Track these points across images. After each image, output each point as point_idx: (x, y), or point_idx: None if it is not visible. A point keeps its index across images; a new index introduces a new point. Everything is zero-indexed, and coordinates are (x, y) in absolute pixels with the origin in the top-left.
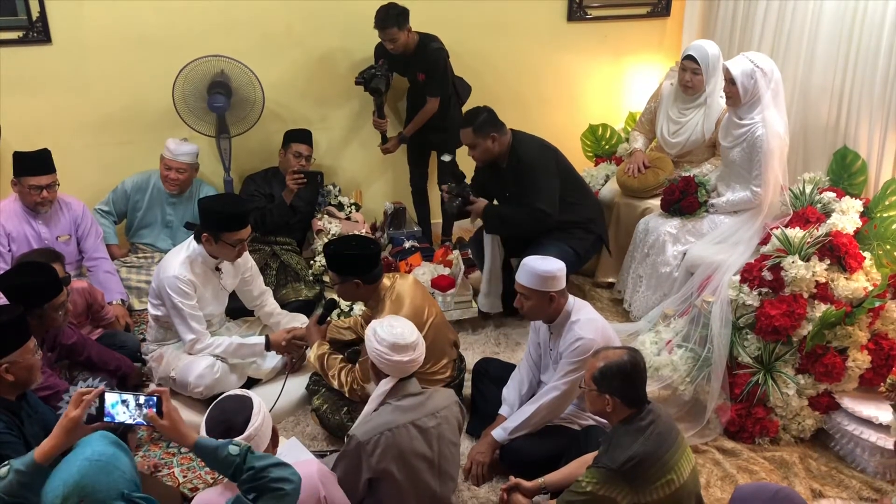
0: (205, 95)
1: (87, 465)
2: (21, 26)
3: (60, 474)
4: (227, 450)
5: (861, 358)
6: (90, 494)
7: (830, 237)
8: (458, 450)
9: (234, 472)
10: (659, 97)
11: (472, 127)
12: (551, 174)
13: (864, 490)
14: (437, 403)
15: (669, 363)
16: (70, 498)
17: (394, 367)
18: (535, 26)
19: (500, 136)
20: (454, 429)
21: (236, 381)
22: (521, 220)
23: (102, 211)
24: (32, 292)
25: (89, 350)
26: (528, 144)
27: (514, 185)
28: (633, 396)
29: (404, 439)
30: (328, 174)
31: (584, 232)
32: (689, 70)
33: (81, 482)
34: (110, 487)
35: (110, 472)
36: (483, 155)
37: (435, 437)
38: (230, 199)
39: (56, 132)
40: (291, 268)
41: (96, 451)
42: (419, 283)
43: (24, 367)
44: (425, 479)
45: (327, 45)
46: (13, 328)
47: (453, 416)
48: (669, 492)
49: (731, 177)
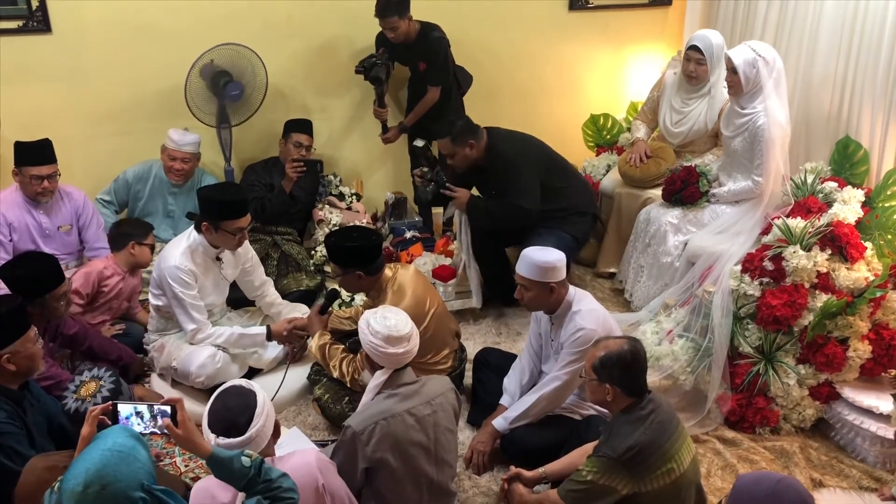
0: (217, 85)
1: (109, 455)
2: (21, 15)
3: (82, 463)
4: (241, 461)
5: (862, 348)
6: (111, 483)
7: (832, 227)
8: (454, 437)
9: (248, 484)
10: (662, 86)
11: (449, 137)
12: (530, 168)
13: (864, 479)
14: (433, 391)
15: (670, 353)
16: (92, 485)
17: (388, 359)
18: (536, 15)
19: (477, 143)
20: (450, 416)
21: (237, 371)
22: (504, 216)
23: (104, 201)
24: (34, 282)
25: (91, 340)
26: (504, 141)
27: (496, 183)
28: (633, 386)
29: (400, 428)
30: (329, 164)
31: (579, 216)
32: (693, 60)
33: (103, 471)
34: (131, 477)
35: (131, 463)
36: (461, 162)
37: (431, 424)
38: (229, 187)
39: (56, 122)
40: (293, 258)
41: (118, 443)
42: (420, 274)
43: (25, 357)
44: (422, 466)
45: (328, 34)
46: (13, 318)
47: (449, 403)
48: (670, 481)
49: (733, 166)
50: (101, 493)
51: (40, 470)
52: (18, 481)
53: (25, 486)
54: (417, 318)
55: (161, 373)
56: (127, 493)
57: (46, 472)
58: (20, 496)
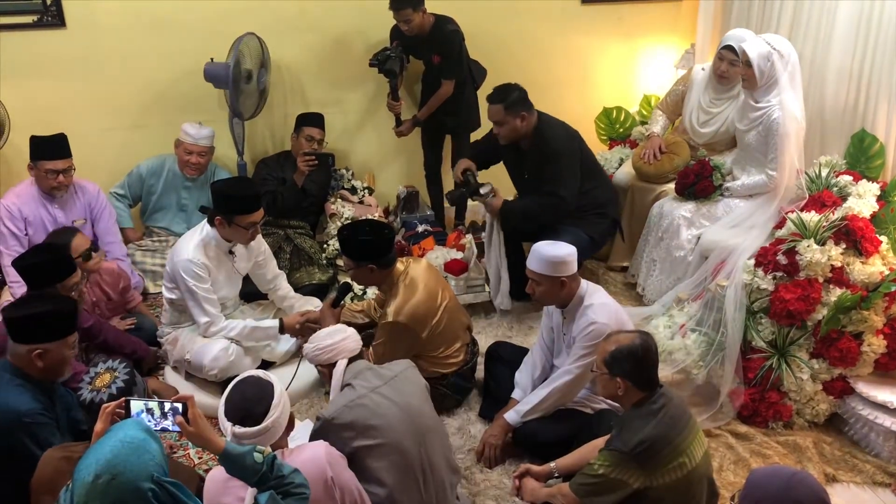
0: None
1: (120, 446)
2: (35, 10)
3: (94, 454)
4: (253, 457)
5: (876, 343)
6: (121, 473)
7: (846, 221)
8: (430, 407)
9: (261, 479)
10: (689, 81)
11: (503, 104)
12: (575, 163)
13: (877, 475)
14: (393, 370)
15: (683, 347)
16: (102, 476)
17: (336, 350)
18: (549, 8)
19: (529, 116)
20: (417, 388)
21: (250, 364)
22: (540, 211)
23: (118, 194)
24: (45, 271)
25: (105, 333)
26: (554, 130)
27: (534, 168)
28: (644, 379)
29: (370, 404)
30: (342, 158)
31: (598, 217)
32: (726, 60)
33: (114, 461)
34: (141, 469)
35: (141, 455)
36: (509, 133)
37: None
38: (242, 182)
39: (71, 116)
40: (305, 251)
41: (129, 435)
42: (432, 267)
43: (57, 359)
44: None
45: (342, 27)
46: (61, 319)
47: (413, 376)
48: (681, 475)
49: (747, 160)
50: (112, 483)
51: (56, 460)
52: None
53: (42, 476)
54: (429, 312)
55: (174, 365)
56: (137, 484)
57: (63, 462)
58: (37, 485)
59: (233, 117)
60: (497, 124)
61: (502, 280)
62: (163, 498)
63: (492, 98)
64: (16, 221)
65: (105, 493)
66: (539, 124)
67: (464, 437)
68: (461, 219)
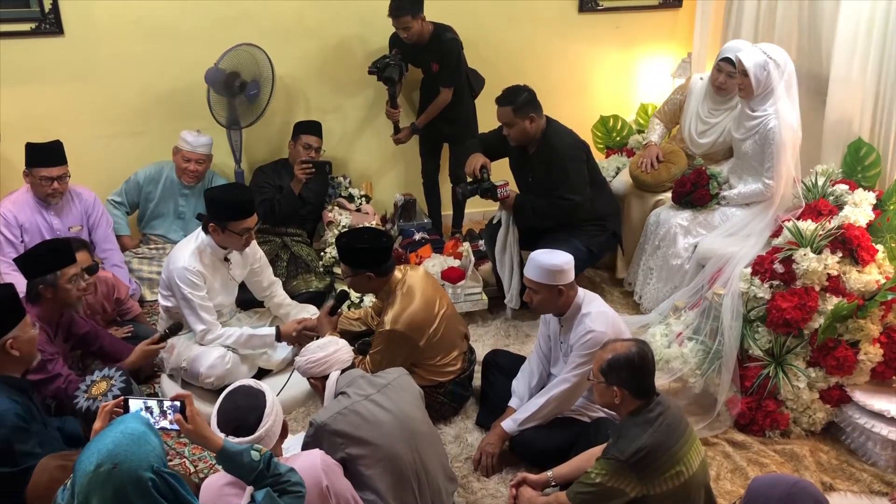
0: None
1: (121, 437)
2: (33, 18)
3: (95, 444)
4: (250, 455)
5: (873, 351)
6: (123, 462)
7: (843, 230)
8: (423, 413)
9: (257, 477)
10: (687, 90)
11: (512, 106)
12: (582, 167)
13: (874, 483)
14: (387, 377)
15: (680, 355)
16: (103, 465)
17: (329, 363)
18: (547, 17)
19: (538, 119)
20: (411, 394)
21: (247, 372)
22: (552, 212)
23: (115, 202)
24: (43, 259)
25: (102, 340)
26: (562, 135)
27: (541, 172)
28: (641, 388)
29: (362, 411)
30: (340, 165)
31: (598, 229)
32: (724, 72)
33: (115, 451)
34: (142, 458)
35: (142, 445)
36: (519, 135)
37: (391, 401)
38: (235, 188)
39: (68, 123)
40: (302, 259)
41: (129, 426)
42: (430, 275)
43: (26, 341)
44: (398, 449)
45: (341, 35)
46: (9, 304)
47: (406, 384)
48: (678, 483)
49: (744, 169)
50: (113, 472)
51: (52, 469)
52: (30, 480)
53: (38, 485)
54: (427, 320)
55: (171, 373)
56: (138, 474)
57: (58, 471)
58: (32, 494)
59: (230, 124)
60: (506, 126)
61: (514, 279)
62: (163, 489)
63: (500, 100)
64: (11, 228)
65: (106, 483)
66: (547, 129)
67: (461, 446)
68: (458, 227)
